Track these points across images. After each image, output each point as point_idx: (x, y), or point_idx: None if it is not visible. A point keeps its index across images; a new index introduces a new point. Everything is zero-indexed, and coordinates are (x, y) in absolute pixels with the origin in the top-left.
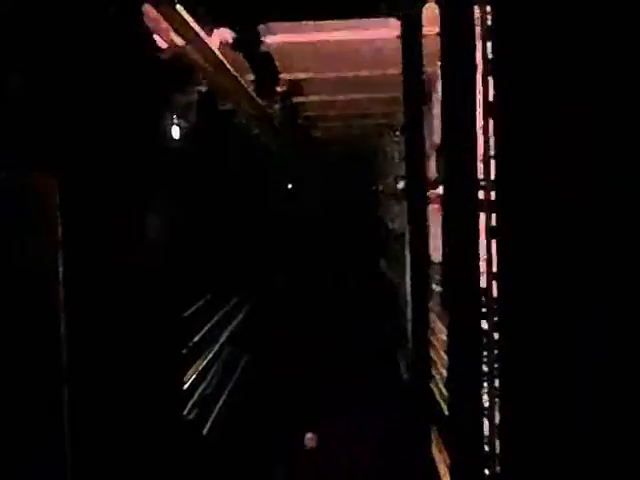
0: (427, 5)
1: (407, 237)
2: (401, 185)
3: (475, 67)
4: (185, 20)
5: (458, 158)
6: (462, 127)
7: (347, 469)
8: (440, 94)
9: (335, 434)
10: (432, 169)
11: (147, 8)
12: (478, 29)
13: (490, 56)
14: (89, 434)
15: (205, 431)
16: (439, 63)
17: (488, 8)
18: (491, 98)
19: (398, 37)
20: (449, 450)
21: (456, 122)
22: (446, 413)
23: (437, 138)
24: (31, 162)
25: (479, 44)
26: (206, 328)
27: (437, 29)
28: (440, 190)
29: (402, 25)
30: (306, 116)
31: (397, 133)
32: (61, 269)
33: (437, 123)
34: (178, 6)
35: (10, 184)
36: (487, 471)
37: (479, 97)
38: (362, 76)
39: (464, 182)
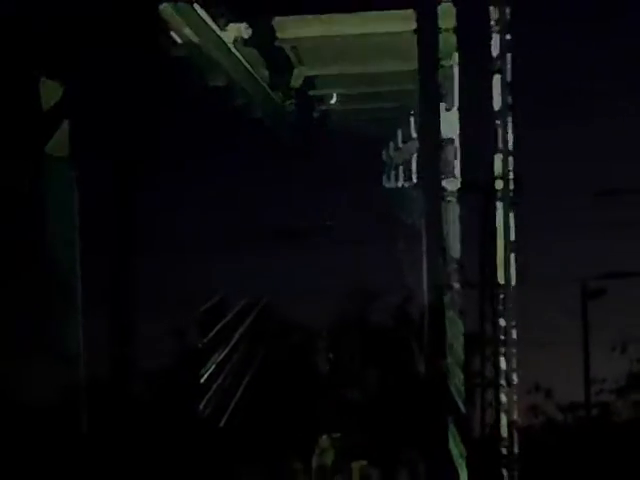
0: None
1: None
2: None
3: (492, 59)
4: (200, 15)
5: (475, 152)
6: (480, 121)
7: None
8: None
9: None
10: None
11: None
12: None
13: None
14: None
15: None
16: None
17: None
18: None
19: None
20: (465, 444)
21: (474, 116)
22: (462, 408)
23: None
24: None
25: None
26: None
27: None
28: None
29: (418, 17)
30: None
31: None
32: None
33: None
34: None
35: None
36: (503, 464)
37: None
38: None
39: (481, 176)
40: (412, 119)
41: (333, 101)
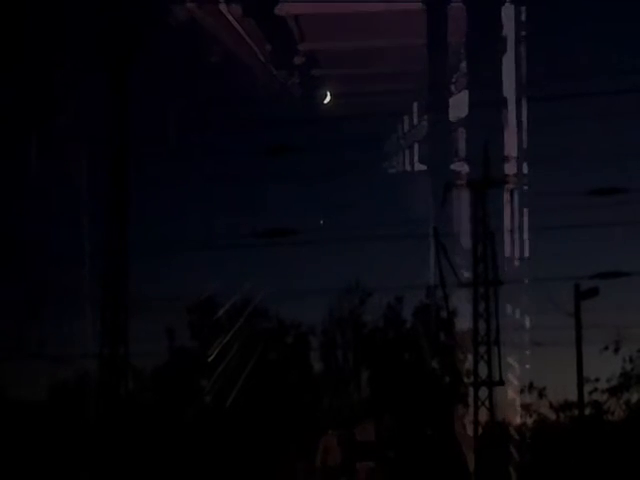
0: None
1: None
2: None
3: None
4: None
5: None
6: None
7: None
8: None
9: None
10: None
11: None
12: None
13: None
14: None
15: None
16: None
17: None
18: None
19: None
20: (474, 430)
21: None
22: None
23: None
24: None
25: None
26: None
27: None
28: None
29: None
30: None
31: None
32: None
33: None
34: None
35: None
36: (513, 451)
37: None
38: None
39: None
40: (417, 105)
41: (327, 100)
